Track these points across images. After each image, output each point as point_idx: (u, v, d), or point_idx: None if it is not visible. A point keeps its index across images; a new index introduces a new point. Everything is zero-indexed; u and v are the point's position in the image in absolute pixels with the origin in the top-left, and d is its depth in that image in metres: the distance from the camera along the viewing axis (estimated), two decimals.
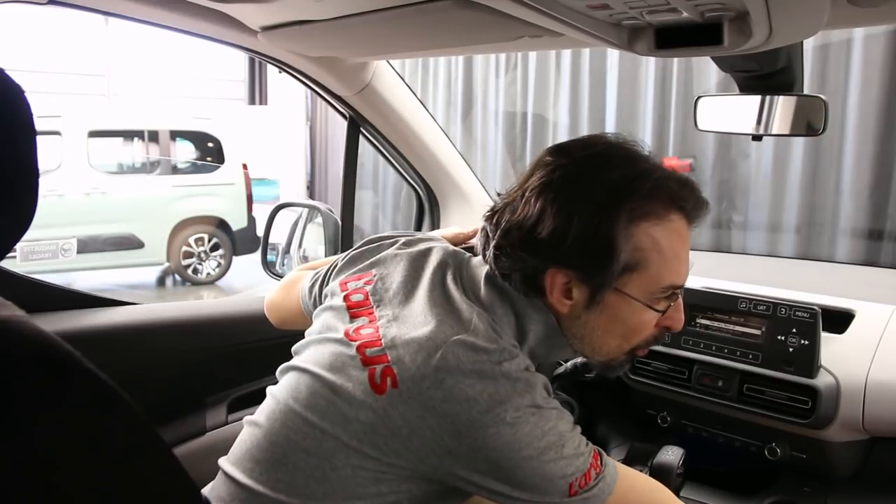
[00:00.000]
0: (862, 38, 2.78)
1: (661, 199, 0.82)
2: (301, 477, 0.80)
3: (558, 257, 0.81)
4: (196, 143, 7.19)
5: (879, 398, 1.16)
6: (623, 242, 0.80)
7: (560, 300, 0.84)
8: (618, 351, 0.88)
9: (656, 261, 0.82)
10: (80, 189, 6.14)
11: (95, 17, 8.27)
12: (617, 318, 0.85)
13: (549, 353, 0.90)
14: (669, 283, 0.84)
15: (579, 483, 0.77)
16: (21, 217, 0.56)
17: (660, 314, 0.85)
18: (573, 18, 0.87)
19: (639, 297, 0.83)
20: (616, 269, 0.81)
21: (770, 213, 3.13)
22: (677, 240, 0.83)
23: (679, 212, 0.84)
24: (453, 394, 0.75)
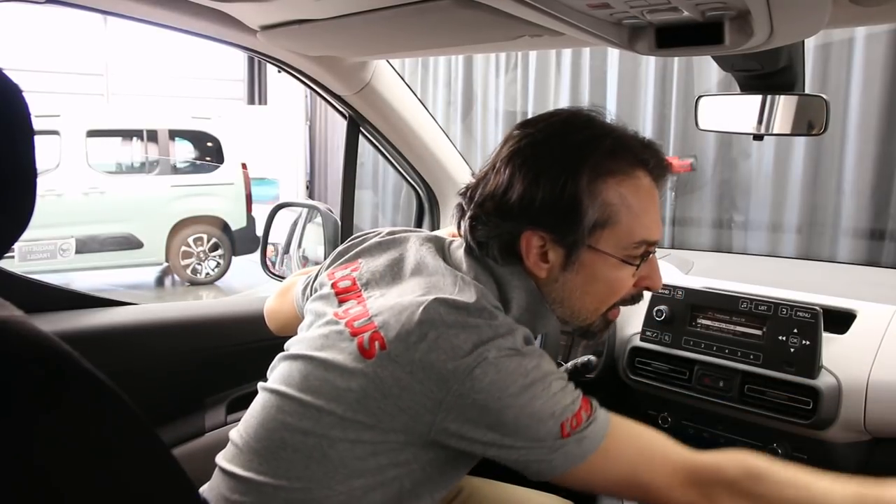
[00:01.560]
0: (863, 38, 2.78)
1: (625, 156, 0.86)
2: (301, 459, 0.80)
3: (530, 219, 0.84)
4: (195, 142, 7.18)
5: (881, 399, 1.15)
6: (589, 199, 0.83)
7: (537, 263, 0.86)
8: (596, 313, 0.91)
9: (626, 215, 0.85)
10: (79, 189, 6.14)
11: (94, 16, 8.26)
12: (594, 276, 0.87)
13: (533, 321, 0.91)
14: (641, 237, 0.86)
15: (571, 424, 0.77)
16: (19, 217, 0.56)
17: (635, 269, 0.87)
18: (574, 18, 0.87)
19: (613, 252, 0.86)
20: (586, 226, 0.84)
21: (771, 212, 3.13)
22: (645, 195, 0.87)
23: (643, 168, 0.87)
24: (437, 344, 0.77)
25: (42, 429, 0.53)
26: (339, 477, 0.80)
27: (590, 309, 0.91)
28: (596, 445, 0.78)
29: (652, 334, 1.38)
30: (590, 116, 0.89)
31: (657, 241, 0.89)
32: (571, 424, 0.77)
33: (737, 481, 0.79)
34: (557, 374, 0.81)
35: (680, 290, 1.37)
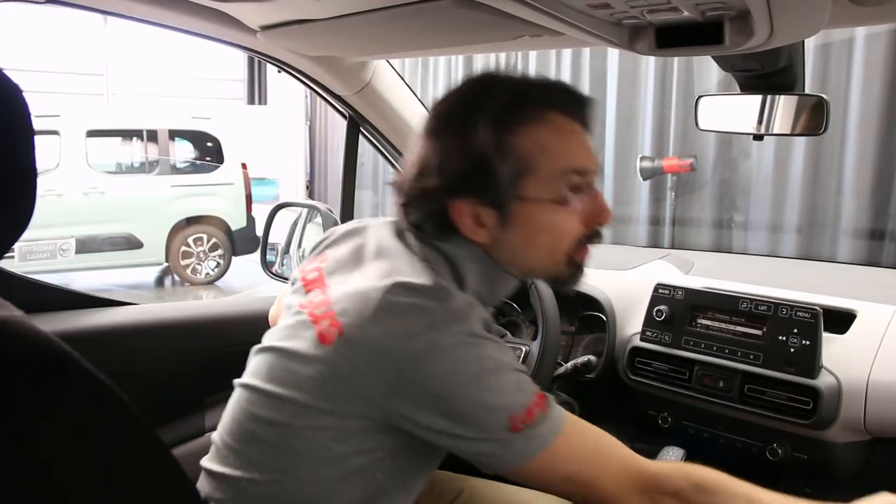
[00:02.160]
0: (864, 38, 2.78)
1: (528, 104, 0.85)
2: (268, 450, 0.82)
3: (451, 190, 0.84)
4: (195, 142, 7.18)
5: (881, 399, 1.15)
6: (500, 154, 0.83)
7: (475, 230, 0.86)
8: (554, 262, 0.89)
9: (544, 158, 0.84)
10: (79, 189, 6.13)
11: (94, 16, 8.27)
12: (535, 226, 0.86)
13: (492, 289, 0.91)
14: (564, 168, 0.85)
15: (521, 418, 0.76)
16: (19, 217, 0.56)
17: (570, 206, 0.85)
18: (574, 18, 0.87)
19: (543, 196, 0.84)
20: (505, 181, 0.83)
21: (771, 212, 3.13)
22: (561, 133, 0.86)
23: (554, 110, 0.86)
24: (392, 329, 0.77)
25: (42, 429, 0.53)
26: (305, 466, 0.81)
27: (546, 259, 0.89)
28: (547, 443, 0.77)
29: (652, 334, 1.38)
30: (491, 77, 0.89)
31: (587, 169, 0.87)
32: (522, 419, 0.76)
33: (685, 491, 0.79)
34: (513, 365, 0.80)
35: (680, 290, 1.37)
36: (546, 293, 1.31)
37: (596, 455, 0.80)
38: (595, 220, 0.89)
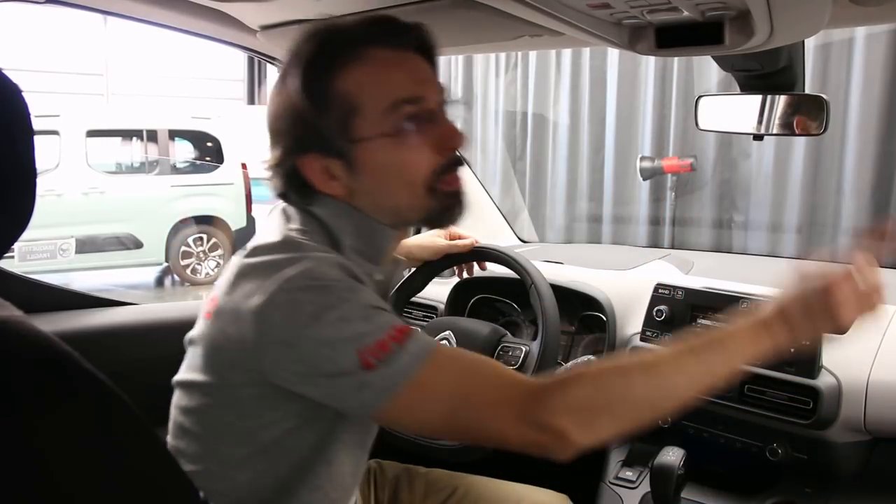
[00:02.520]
0: (864, 38, 2.77)
1: (341, 45, 0.84)
2: (191, 438, 0.85)
3: (292, 148, 0.85)
4: (195, 142, 7.18)
5: (881, 398, 1.15)
6: (321, 103, 0.82)
7: (328, 184, 0.86)
8: (416, 198, 0.87)
9: (367, 94, 0.82)
10: (79, 189, 6.13)
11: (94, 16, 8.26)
12: (381, 166, 0.85)
13: (370, 243, 0.89)
14: (393, 100, 0.83)
15: (372, 352, 0.73)
16: (19, 217, 0.56)
17: (410, 136, 0.84)
18: (574, 18, 0.87)
19: (379, 132, 0.83)
20: (335, 126, 0.83)
21: (771, 212, 3.13)
22: (380, 65, 0.84)
23: (372, 46, 0.84)
24: (244, 289, 0.78)
25: (42, 429, 0.53)
26: (223, 448, 0.83)
27: (406, 197, 0.87)
28: (405, 376, 0.73)
29: (652, 334, 1.38)
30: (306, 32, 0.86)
31: (418, 95, 0.84)
32: (374, 353, 0.73)
33: (567, 375, 0.76)
34: (365, 302, 0.77)
35: (680, 290, 1.37)
36: (546, 293, 1.31)
37: (470, 381, 0.76)
38: (445, 145, 0.86)
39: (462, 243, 1.31)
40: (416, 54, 0.87)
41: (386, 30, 0.85)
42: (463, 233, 1.34)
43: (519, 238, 2.22)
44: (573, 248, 2.53)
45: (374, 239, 0.90)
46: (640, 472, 1.35)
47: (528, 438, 0.74)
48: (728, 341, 0.80)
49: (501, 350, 1.33)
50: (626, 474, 1.35)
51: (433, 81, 0.88)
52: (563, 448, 0.74)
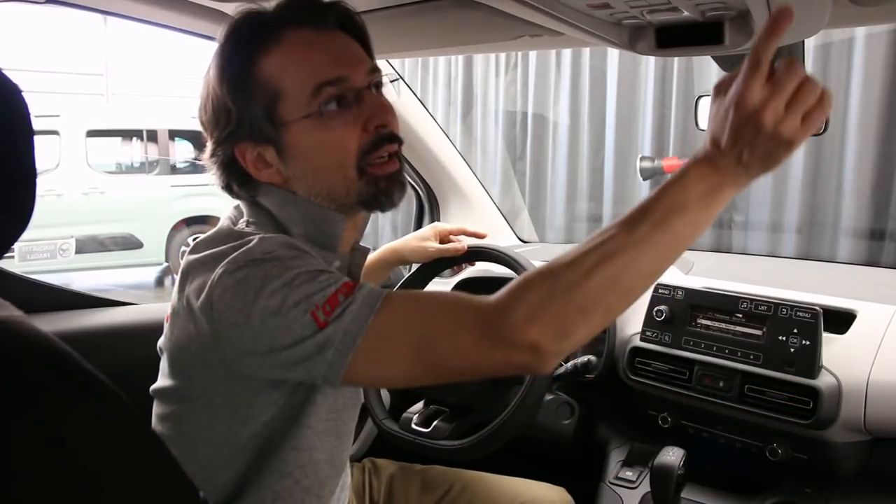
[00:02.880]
0: (864, 38, 2.77)
1: (255, 32, 0.83)
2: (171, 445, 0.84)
3: (224, 136, 0.85)
4: (195, 142, 7.17)
5: (881, 399, 1.15)
6: (244, 87, 0.82)
7: (263, 172, 0.86)
8: (347, 180, 0.86)
9: (288, 78, 0.82)
10: (79, 189, 6.13)
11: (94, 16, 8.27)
12: (308, 148, 0.84)
13: (318, 228, 0.88)
14: (314, 83, 0.82)
15: (323, 310, 0.72)
16: (19, 217, 0.56)
17: (333, 117, 0.83)
18: (574, 18, 0.87)
19: (300, 114, 0.82)
20: (260, 112, 0.82)
21: (771, 212, 3.12)
22: (299, 49, 0.83)
23: (292, 27, 0.83)
24: (192, 286, 0.79)
25: (41, 430, 0.53)
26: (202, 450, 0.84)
27: (338, 180, 0.85)
28: (363, 325, 0.72)
29: (652, 334, 1.38)
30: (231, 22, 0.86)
31: (340, 76, 0.83)
32: (325, 311, 0.72)
33: (517, 283, 0.74)
34: (301, 267, 0.76)
35: (680, 290, 1.37)
36: None
37: (424, 321, 0.74)
38: (371, 123, 0.85)
39: (453, 247, 1.29)
40: (342, 32, 0.86)
41: (306, 10, 0.85)
42: (455, 228, 1.32)
43: (519, 238, 2.22)
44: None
45: (323, 225, 0.88)
46: (640, 471, 1.35)
47: (498, 359, 0.72)
48: (677, 194, 0.72)
49: None
50: (626, 474, 1.35)
51: (358, 59, 0.87)
52: (538, 359, 0.71)
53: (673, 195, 0.72)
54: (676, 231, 0.71)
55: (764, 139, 0.68)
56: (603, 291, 0.71)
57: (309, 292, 0.73)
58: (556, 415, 1.44)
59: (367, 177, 0.86)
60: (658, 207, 0.72)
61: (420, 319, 0.74)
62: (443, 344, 0.73)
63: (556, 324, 0.70)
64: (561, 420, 1.44)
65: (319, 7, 0.86)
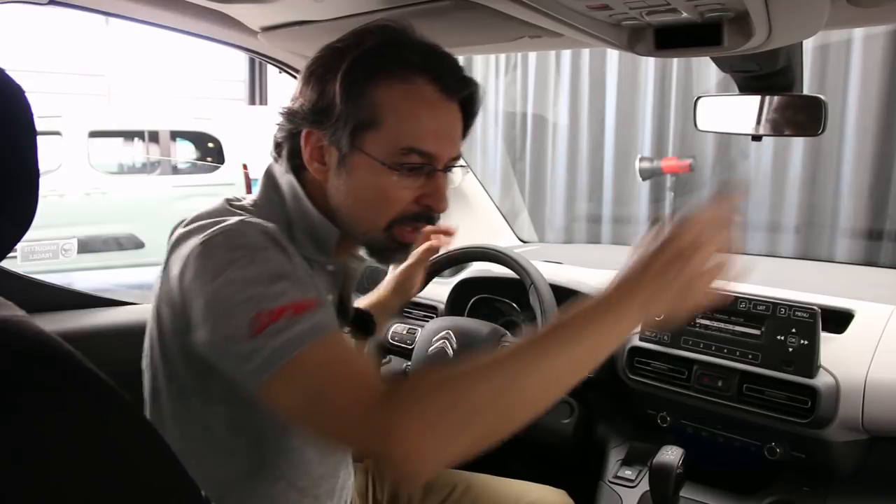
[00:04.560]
0: (861, 39, 2.78)
1: (396, 59, 0.83)
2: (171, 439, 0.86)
3: (306, 119, 0.86)
4: (196, 143, 7.18)
5: (879, 398, 1.16)
6: (350, 98, 0.82)
7: (314, 163, 0.87)
8: (374, 226, 0.87)
9: (393, 119, 0.82)
10: (81, 189, 6.13)
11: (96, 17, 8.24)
12: (363, 181, 0.85)
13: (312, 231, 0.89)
14: (408, 144, 0.83)
15: (268, 316, 0.70)
16: (21, 217, 0.56)
17: (398, 177, 0.84)
18: (573, 19, 0.88)
19: (378, 156, 0.83)
20: (350, 124, 0.83)
21: (769, 212, 3.13)
22: (420, 103, 0.83)
23: (424, 75, 0.84)
24: (177, 252, 0.80)
25: (44, 429, 0.53)
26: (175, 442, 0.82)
27: (368, 220, 0.87)
28: (288, 352, 0.69)
29: (651, 334, 1.38)
30: (383, 26, 0.87)
31: (433, 153, 0.84)
32: (267, 319, 0.70)
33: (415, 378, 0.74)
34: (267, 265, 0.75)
35: None
36: (546, 293, 1.32)
37: (328, 380, 0.71)
38: (426, 201, 0.87)
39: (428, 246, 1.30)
40: (458, 106, 0.88)
41: (446, 72, 0.85)
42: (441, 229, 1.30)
43: (519, 238, 2.22)
44: (573, 249, 2.53)
45: (318, 230, 0.90)
46: (639, 470, 1.35)
47: (372, 446, 0.68)
48: (580, 325, 0.73)
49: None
50: (625, 473, 1.36)
51: (454, 142, 0.89)
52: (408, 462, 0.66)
53: (577, 330, 0.73)
54: (574, 364, 0.73)
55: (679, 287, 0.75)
56: (488, 410, 0.69)
57: (261, 295, 0.72)
58: (556, 414, 1.45)
59: (390, 234, 0.88)
60: (558, 339, 0.73)
61: (328, 377, 0.72)
62: (332, 409, 0.71)
63: (434, 430, 0.67)
64: (560, 419, 1.44)
65: (458, 77, 0.86)
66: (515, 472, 1.33)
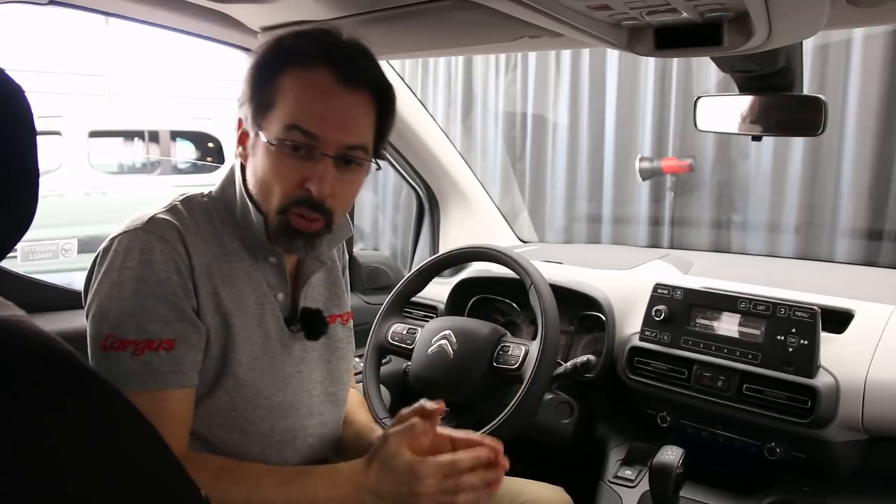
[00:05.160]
0: (862, 39, 2.77)
1: (308, 50, 0.88)
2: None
3: (240, 99, 0.93)
4: (196, 143, 7.18)
5: (879, 398, 1.16)
6: (264, 81, 0.89)
7: (238, 147, 0.95)
8: (271, 208, 0.91)
9: (286, 99, 0.88)
10: (81, 189, 6.13)
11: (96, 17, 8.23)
12: (261, 162, 0.90)
13: (244, 219, 0.94)
14: (292, 121, 0.87)
15: (112, 341, 0.81)
16: (21, 217, 0.56)
17: (287, 157, 0.87)
18: (573, 19, 0.88)
19: (268, 135, 0.88)
20: (257, 107, 0.89)
21: (769, 212, 3.12)
22: (313, 87, 0.88)
23: (326, 64, 0.88)
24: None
25: (44, 429, 0.53)
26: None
27: (265, 201, 0.91)
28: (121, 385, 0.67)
29: (651, 334, 1.38)
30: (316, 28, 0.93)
31: (315, 133, 0.87)
32: (112, 343, 0.81)
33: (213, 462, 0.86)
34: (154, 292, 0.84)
35: (679, 290, 1.38)
36: (546, 293, 1.32)
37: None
38: (307, 184, 0.89)
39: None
40: (367, 96, 0.90)
41: (347, 61, 0.89)
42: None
43: (519, 238, 2.22)
44: (573, 249, 2.53)
45: (246, 217, 0.94)
46: (638, 470, 1.35)
47: None
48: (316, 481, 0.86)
49: (501, 350, 1.34)
50: (625, 473, 1.36)
51: (351, 128, 0.90)
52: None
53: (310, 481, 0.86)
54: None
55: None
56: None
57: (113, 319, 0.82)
58: (556, 414, 1.45)
59: (285, 219, 0.91)
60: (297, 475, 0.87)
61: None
62: None
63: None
64: (560, 419, 1.44)
65: (361, 69, 0.90)
66: (515, 471, 1.33)
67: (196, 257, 0.89)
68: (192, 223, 0.91)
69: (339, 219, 0.95)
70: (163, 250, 0.86)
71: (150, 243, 0.85)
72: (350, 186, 0.93)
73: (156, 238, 0.86)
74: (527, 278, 1.33)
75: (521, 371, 1.28)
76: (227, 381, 0.90)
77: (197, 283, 0.88)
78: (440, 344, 1.36)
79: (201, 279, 0.88)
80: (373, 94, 0.91)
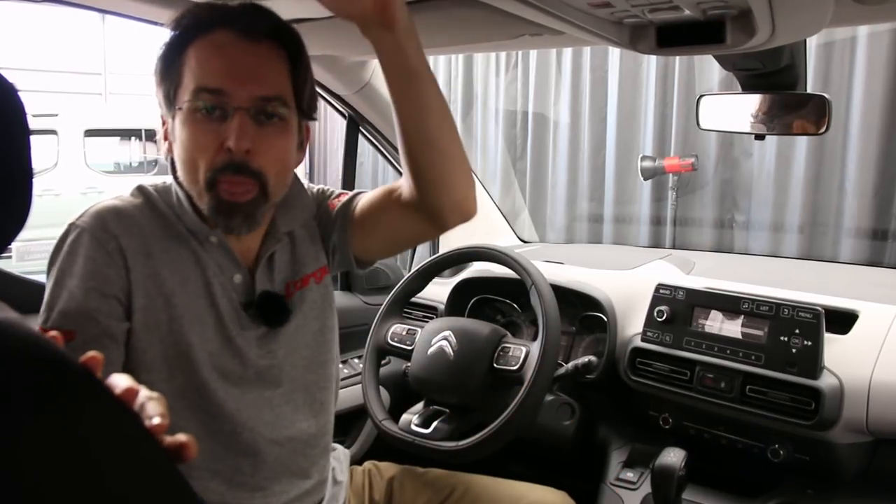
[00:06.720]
0: (866, 37, 2.76)
1: (206, 21, 0.87)
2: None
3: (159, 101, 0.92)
4: None
5: (883, 399, 1.15)
6: (171, 64, 0.88)
7: (164, 144, 0.93)
8: (198, 187, 0.88)
9: (188, 69, 0.87)
10: (77, 188, 6.12)
11: (92, 15, 8.24)
12: (179, 140, 0.88)
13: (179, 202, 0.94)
14: (197, 84, 0.86)
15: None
16: (15, 217, 0.56)
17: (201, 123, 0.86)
18: (575, 17, 0.87)
19: (180, 107, 0.87)
20: (168, 90, 0.89)
21: (773, 212, 3.11)
22: (211, 47, 0.86)
23: (223, 25, 0.86)
24: None
25: (38, 431, 0.52)
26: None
27: (191, 181, 0.89)
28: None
29: (653, 335, 1.37)
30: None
31: (219, 88, 0.85)
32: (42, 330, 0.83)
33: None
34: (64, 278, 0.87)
35: (681, 291, 1.37)
36: (547, 293, 1.31)
37: None
38: (227, 143, 0.86)
39: None
40: (272, 45, 0.88)
41: (243, 16, 0.87)
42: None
43: (519, 238, 2.21)
44: (574, 248, 2.53)
45: (182, 204, 0.94)
46: (640, 473, 1.34)
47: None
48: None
49: (501, 351, 1.33)
50: (627, 475, 1.35)
51: (253, 79, 0.87)
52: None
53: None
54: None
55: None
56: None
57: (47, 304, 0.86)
58: (557, 415, 1.44)
59: (216, 195, 0.88)
60: None
61: None
62: None
63: None
64: (561, 421, 1.43)
65: (257, 18, 0.88)
66: (516, 474, 1.32)
67: (128, 238, 0.89)
68: (134, 207, 0.92)
69: (275, 185, 0.90)
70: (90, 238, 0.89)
71: (80, 236, 0.89)
72: (277, 143, 0.89)
73: (85, 230, 0.90)
74: (527, 278, 1.32)
75: (521, 372, 1.27)
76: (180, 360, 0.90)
77: (130, 264, 0.88)
78: (440, 345, 1.35)
79: (136, 259, 0.89)
80: (278, 43, 0.89)
